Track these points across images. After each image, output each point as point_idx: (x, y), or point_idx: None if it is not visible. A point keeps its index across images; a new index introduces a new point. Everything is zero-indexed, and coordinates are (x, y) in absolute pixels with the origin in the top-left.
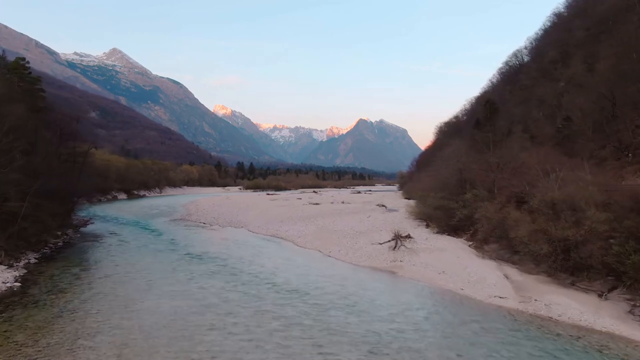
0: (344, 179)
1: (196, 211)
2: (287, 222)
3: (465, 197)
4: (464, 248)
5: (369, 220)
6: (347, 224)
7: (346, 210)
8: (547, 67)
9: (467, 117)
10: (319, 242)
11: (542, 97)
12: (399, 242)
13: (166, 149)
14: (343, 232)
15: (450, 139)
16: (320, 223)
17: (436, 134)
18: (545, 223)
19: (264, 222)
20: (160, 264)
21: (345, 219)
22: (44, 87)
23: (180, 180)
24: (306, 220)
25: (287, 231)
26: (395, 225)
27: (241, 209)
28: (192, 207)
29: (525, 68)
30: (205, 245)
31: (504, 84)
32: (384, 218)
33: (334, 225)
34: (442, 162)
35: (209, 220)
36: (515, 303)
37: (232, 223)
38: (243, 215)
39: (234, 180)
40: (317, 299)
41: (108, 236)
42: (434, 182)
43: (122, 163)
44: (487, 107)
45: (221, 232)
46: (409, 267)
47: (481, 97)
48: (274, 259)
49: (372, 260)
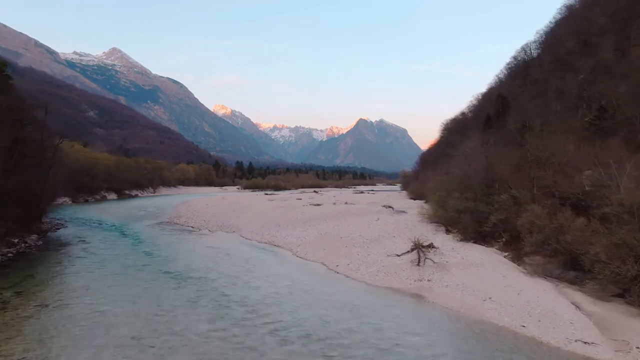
0: (344, 178)
1: (186, 213)
2: (285, 226)
3: (499, 199)
4: (502, 261)
5: (378, 223)
6: (354, 228)
7: (350, 211)
8: (563, 59)
9: (473, 113)
10: (322, 252)
11: (561, 89)
12: (421, 254)
13: (165, 149)
14: (350, 239)
15: (459, 135)
16: (322, 227)
17: (442, 131)
18: (629, 234)
19: (260, 226)
20: (123, 288)
21: (350, 223)
22: (42, 86)
23: (176, 179)
24: (307, 224)
25: (285, 237)
26: (409, 230)
27: (235, 210)
28: (183, 208)
29: (537, 62)
30: (187, 258)
31: (513, 79)
32: (394, 221)
33: (339, 230)
34: (460, 159)
35: (198, 224)
36: (610, 353)
37: (223, 227)
38: (237, 217)
39: (232, 179)
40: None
41: (75, 244)
42: (449, 181)
43: (112, 161)
44: (498, 101)
45: (210, 239)
46: (440, 289)
47: (488, 93)
48: (272, 278)
49: (391, 278)
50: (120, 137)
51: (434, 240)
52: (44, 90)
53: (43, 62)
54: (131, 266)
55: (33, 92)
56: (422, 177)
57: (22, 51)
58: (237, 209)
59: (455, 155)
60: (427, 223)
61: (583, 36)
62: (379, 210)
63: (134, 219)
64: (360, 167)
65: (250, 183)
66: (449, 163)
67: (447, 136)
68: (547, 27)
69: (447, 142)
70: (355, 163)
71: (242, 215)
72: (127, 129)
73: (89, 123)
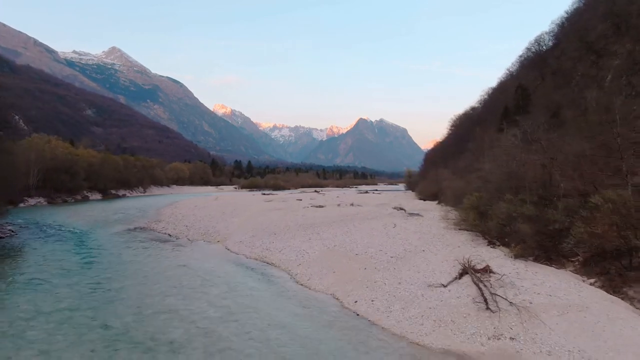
0: (345, 178)
1: (169, 216)
2: (282, 234)
3: (570, 203)
4: (606, 297)
5: (397, 231)
6: (369, 238)
7: (359, 215)
8: (592, 45)
9: (485, 108)
10: (332, 277)
11: (595, 77)
12: (481, 285)
13: (164, 148)
14: (368, 255)
15: (469, 131)
16: (328, 236)
17: (450, 128)
18: None
19: (251, 235)
20: None
21: (362, 230)
22: (39, 84)
23: (169, 178)
24: (309, 231)
25: (281, 251)
26: (440, 242)
27: (226, 213)
28: (168, 210)
29: (556, 52)
30: (145, 291)
31: (528, 72)
32: (415, 228)
33: (351, 241)
34: (495, 154)
35: (178, 231)
36: None
37: (207, 234)
38: (226, 222)
39: (229, 179)
40: None
41: (4, 263)
42: (484, 179)
43: (96, 158)
44: (518, 93)
45: (186, 253)
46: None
47: (501, 87)
48: (267, 334)
49: (448, 332)
50: (118, 135)
51: (481, 257)
52: (40, 89)
53: (42, 61)
54: (52, 312)
55: (30, 90)
56: (431, 176)
57: (21, 50)
58: (228, 212)
59: (469, 150)
60: (455, 230)
61: (615, 19)
62: (390, 213)
63: (105, 224)
64: (360, 166)
65: (248, 182)
66: (468, 159)
67: (455, 132)
68: (567, 15)
69: (458, 137)
70: (355, 163)
71: (232, 219)
72: (125, 127)
73: (87, 122)
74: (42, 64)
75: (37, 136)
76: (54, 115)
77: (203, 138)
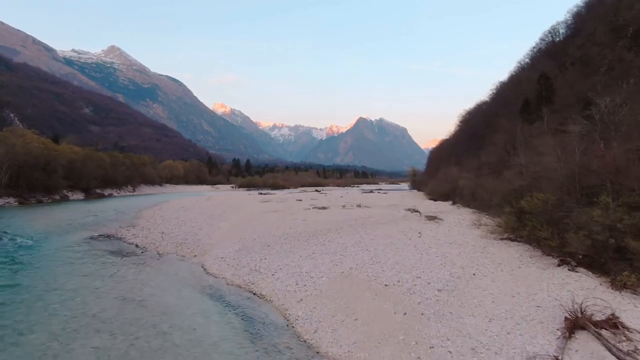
0: (346, 177)
1: (148, 219)
2: (277, 245)
3: None
4: None
5: (426, 242)
6: (395, 253)
7: (371, 218)
8: (623, 29)
9: (497, 102)
10: (355, 331)
11: (631, 63)
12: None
13: (162, 146)
14: (405, 287)
15: (482, 126)
16: (338, 249)
17: (459, 124)
18: None
19: (238, 247)
20: None
21: (381, 240)
22: (36, 82)
23: (162, 177)
24: (312, 242)
25: (275, 274)
26: (491, 261)
27: (214, 216)
28: (149, 213)
29: (579, 39)
30: (49, 352)
31: (543, 62)
32: (446, 238)
33: (372, 260)
34: (545, 149)
35: (149, 240)
36: None
37: (184, 246)
38: (211, 227)
39: (226, 178)
40: None
41: None
42: (529, 177)
43: (79, 154)
44: (541, 83)
45: (147, 277)
46: None
47: (513, 80)
48: None
49: None
50: (116, 134)
51: (574, 289)
52: (37, 87)
53: (41, 60)
54: None
55: (26, 88)
56: (441, 175)
57: (19, 48)
58: (217, 215)
59: (493, 144)
60: (495, 239)
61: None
62: (404, 216)
63: (67, 230)
64: (360, 166)
65: (246, 181)
66: (493, 154)
67: (465, 128)
68: (587, 1)
69: (469, 133)
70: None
71: (220, 223)
72: (123, 126)
73: (84, 120)
74: (41, 62)
75: (8, 129)
76: (50, 114)
77: (202, 137)
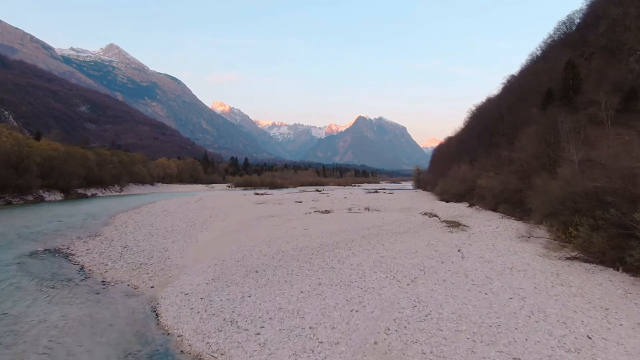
0: (346, 176)
1: (117, 228)
2: (268, 271)
3: None
4: None
5: (474, 267)
6: (444, 289)
7: (385, 227)
8: None
9: (510, 95)
10: None
11: None
12: None
13: (159, 145)
14: None
15: (496, 121)
16: (355, 280)
17: (469, 120)
18: None
19: (213, 275)
20: None
21: (406, 258)
22: (31, 79)
23: (154, 176)
24: (316, 263)
25: (259, 334)
26: (573, 296)
27: (195, 224)
28: (123, 218)
29: (601, 26)
30: None
31: (558, 53)
32: (501, 260)
33: (416, 309)
34: None
35: (103, 258)
36: None
37: (143, 269)
38: (188, 240)
39: (222, 176)
40: None
41: None
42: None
43: (58, 152)
44: (567, 71)
45: (55, 333)
46: None
47: (527, 71)
48: None
49: None
50: (113, 132)
51: None
52: (33, 84)
53: (39, 58)
54: None
55: (21, 85)
56: (453, 174)
57: (17, 46)
58: (200, 221)
59: (527, 137)
60: (560, 259)
61: None
62: (423, 222)
63: (12, 240)
64: (359, 164)
65: (242, 180)
66: (531, 148)
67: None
68: None
69: (482, 128)
70: (354, 161)
71: (200, 234)
72: (120, 124)
73: (80, 118)
74: (39, 60)
75: None
76: (46, 111)
77: (201, 135)
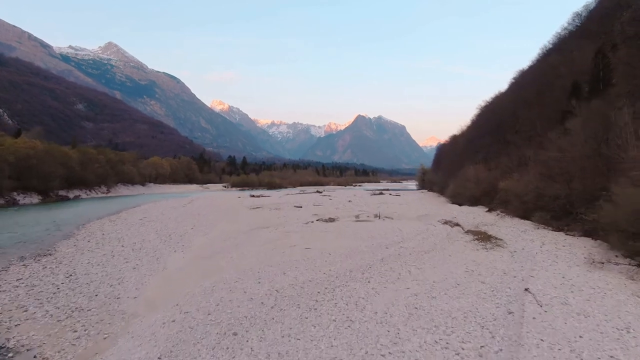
0: (346, 175)
1: (77, 243)
2: (252, 331)
3: None
4: None
5: (568, 324)
6: None
7: (406, 243)
8: None
9: (524, 89)
10: None
11: None
12: None
13: (157, 143)
14: None
15: (511, 116)
16: (389, 353)
17: (477, 117)
18: None
19: (171, 342)
20: None
21: (451, 299)
22: (27, 77)
23: (146, 175)
24: (324, 311)
25: None
26: None
27: (172, 238)
28: (93, 227)
29: (628, 14)
30: None
31: (575, 44)
32: (599, 312)
33: None
34: None
35: (29, 297)
36: None
37: (70, 323)
38: (153, 266)
39: (219, 176)
40: None
41: None
42: None
43: (35, 150)
44: (597, 62)
45: None
46: None
47: (538, 67)
48: None
49: None
50: (110, 131)
51: None
52: (29, 82)
53: (37, 56)
54: None
55: (17, 83)
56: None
57: (15, 44)
58: (179, 234)
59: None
60: None
61: None
62: (447, 235)
63: None
64: (359, 163)
65: (239, 180)
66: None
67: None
68: None
69: (494, 125)
70: (353, 159)
71: (173, 255)
72: (118, 122)
73: (77, 116)
74: (37, 58)
75: None
76: (42, 109)
77: (200, 134)
